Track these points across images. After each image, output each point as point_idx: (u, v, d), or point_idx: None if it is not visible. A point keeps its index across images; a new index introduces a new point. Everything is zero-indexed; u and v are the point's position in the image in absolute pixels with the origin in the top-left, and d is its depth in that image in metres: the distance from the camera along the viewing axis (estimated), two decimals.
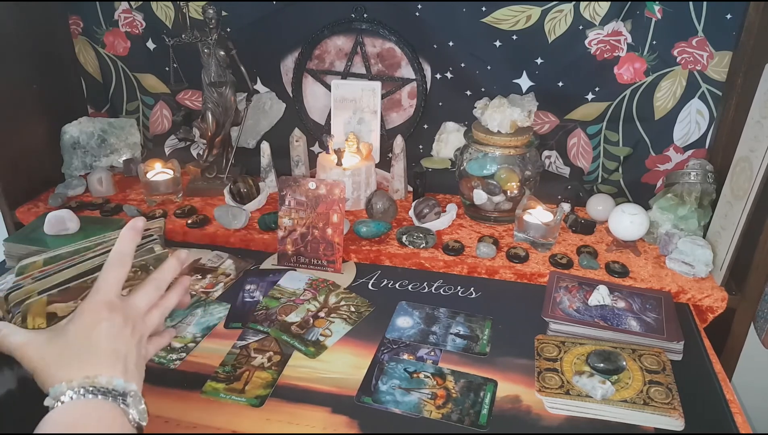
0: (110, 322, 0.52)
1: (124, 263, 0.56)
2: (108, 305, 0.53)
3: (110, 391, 0.48)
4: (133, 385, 0.51)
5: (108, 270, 0.55)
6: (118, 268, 0.56)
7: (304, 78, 1.31)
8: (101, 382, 0.48)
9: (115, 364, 0.51)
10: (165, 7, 1.29)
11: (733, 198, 1.00)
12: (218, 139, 1.28)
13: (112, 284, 0.55)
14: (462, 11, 1.14)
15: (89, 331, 0.51)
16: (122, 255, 0.56)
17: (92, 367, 0.49)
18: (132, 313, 0.55)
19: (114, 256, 0.56)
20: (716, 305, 0.99)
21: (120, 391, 0.49)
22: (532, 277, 1.04)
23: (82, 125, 1.36)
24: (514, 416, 0.75)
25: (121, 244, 0.57)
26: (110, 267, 0.56)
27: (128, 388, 0.50)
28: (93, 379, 0.48)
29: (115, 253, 0.56)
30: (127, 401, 0.49)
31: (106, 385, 0.48)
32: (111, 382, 0.49)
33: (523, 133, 1.13)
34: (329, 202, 1.03)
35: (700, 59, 1.09)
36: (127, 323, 0.54)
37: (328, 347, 0.87)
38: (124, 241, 0.57)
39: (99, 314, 0.53)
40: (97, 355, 0.50)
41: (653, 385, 0.78)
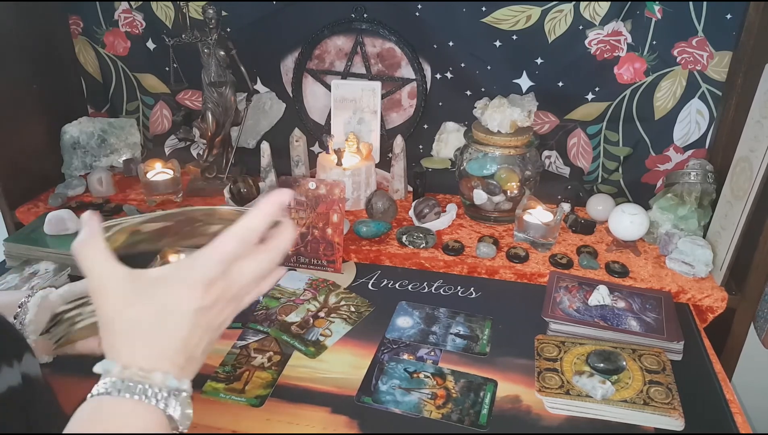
0: (196, 311, 0.45)
1: (247, 240, 0.46)
2: (206, 285, 0.45)
3: (158, 392, 0.44)
4: (186, 382, 0.46)
5: (226, 240, 0.46)
6: (236, 244, 0.46)
7: (304, 78, 1.31)
8: (155, 380, 0.44)
9: (178, 358, 0.45)
10: (165, 7, 1.29)
11: (733, 198, 1.00)
12: (218, 139, 1.28)
13: (223, 260, 0.46)
14: (462, 11, 1.14)
15: (169, 312, 0.45)
16: (249, 231, 0.46)
17: (154, 359, 0.45)
18: (230, 291, 0.47)
19: (239, 228, 0.46)
20: (716, 305, 0.99)
21: (170, 389, 0.44)
22: (532, 277, 1.04)
23: (82, 125, 1.36)
24: (514, 416, 0.75)
25: (253, 219, 0.47)
26: (229, 238, 0.46)
27: (181, 387, 0.45)
28: (147, 373, 0.44)
29: (241, 226, 0.46)
30: (170, 403, 0.44)
31: (159, 384, 0.44)
32: (165, 381, 0.44)
33: (523, 133, 1.13)
34: (329, 202, 1.03)
35: (700, 59, 1.09)
36: (216, 304, 0.46)
37: (328, 347, 0.87)
38: (259, 216, 0.47)
39: (190, 295, 0.45)
40: (166, 346, 0.45)
41: (653, 385, 0.78)
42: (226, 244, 0.46)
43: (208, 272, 0.45)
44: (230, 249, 0.46)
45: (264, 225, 0.47)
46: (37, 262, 1.03)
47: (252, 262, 0.48)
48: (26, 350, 0.57)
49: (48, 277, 0.99)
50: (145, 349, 0.45)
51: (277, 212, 0.48)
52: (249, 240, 0.47)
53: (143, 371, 0.44)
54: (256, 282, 0.49)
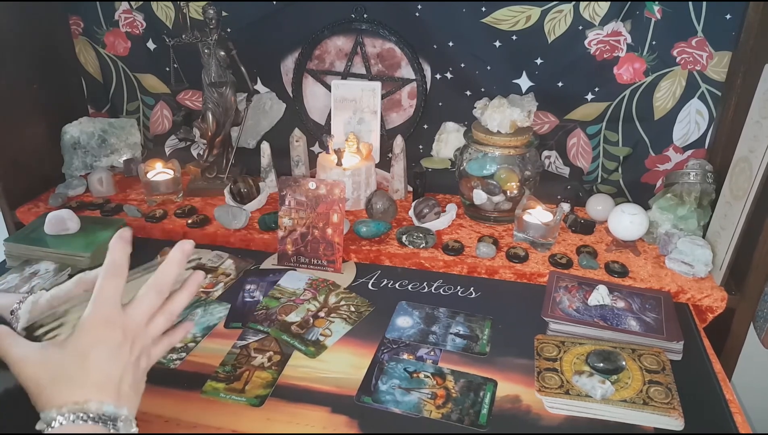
0: (107, 343, 0.51)
1: (118, 273, 0.53)
2: (105, 321, 0.52)
3: (100, 417, 0.48)
4: (124, 409, 0.50)
5: (104, 282, 0.53)
6: (114, 279, 0.53)
7: (304, 78, 1.31)
8: (91, 408, 0.48)
9: (107, 388, 0.50)
10: (165, 7, 1.29)
11: (732, 198, 1.00)
12: (218, 139, 1.28)
13: (109, 297, 0.53)
14: (462, 11, 1.14)
15: (85, 353, 0.50)
16: (116, 265, 0.53)
17: (83, 392, 0.49)
18: (132, 326, 0.53)
19: (107, 266, 0.53)
20: (716, 305, 0.99)
21: (110, 416, 0.49)
22: (532, 277, 1.04)
23: (83, 125, 1.36)
24: (514, 416, 0.75)
25: (112, 255, 0.54)
26: (105, 278, 0.53)
27: (119, 413, 0.49)
28: (83, 404, 0.48)
29: (108, 264, 0.53)
30: (117, 425, 0.48)
31: (96, 411, 0.48)
32: (101, 408, 0.48)
33: (522, 133, 1.13)
34: (329, 202, 1.03)
35: (699, 59, 1.10)
36: (126, 340, 0.52)
37: (328, 347, 0.87)
38: (115, 251, 0.54)
39: (96, 333, 0.51)
40: (90, 380, 0.50)
41: (653, 385, 0.78)
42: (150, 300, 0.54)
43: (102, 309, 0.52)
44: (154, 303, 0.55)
45: (123, 257, 0.54)
46: (38, 262, 1.03)
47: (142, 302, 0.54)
48: None
49: (48, 277, 0.99)
50: (74, 386, 0.49)
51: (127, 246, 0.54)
52: (120, 272, 0.53)
53: (78, 404, 0.48)
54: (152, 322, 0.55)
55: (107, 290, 0.53)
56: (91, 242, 1.05)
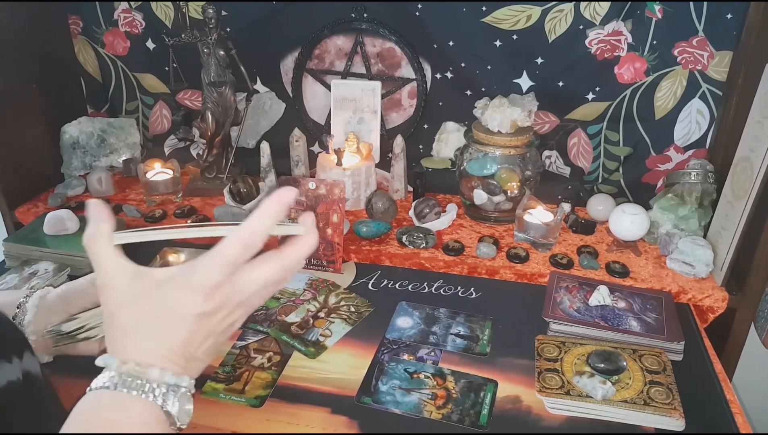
0: (197, 316, 0.45)
1: (251, 245, 0.45)
2: (212, 290, 0.45)
3: (155, 387, 0.44)
4: (185, 379, 0.46)
5: (227, 244, 0.45)
6: (242, 249, 0.45)
7: (304, 78, 1.31)
8: (152, 376, 0.44)
9: (175, 358, 0.45)
10: (165, 6, 1.28)
11: (733, 198, 1.00)
12: (218, 139, 1.28)
13: (229, 264, 0.45)
14: (462, 11, 1.14)
15: (174, 313, 0.45)
16: (252, 234, 0.45)
17: (152, 356, 0.45)
18: (236, 297, 0.46)
19: (243, 232, 0.45)
20: (717, 305, 0.98)
21: (168, 385, 0.45)
22: (533, 278, 1.04)
23: (82, 125, 1.35)
24: (515, 416, 0.75)
25: (257, 221, 0.45)
26: (231, 243, 0.45)
27: (179, 383, 0.45)
28: (145, 369, 0.44)
29: (245, 230, 0.45)
30: (167, 398, 0.44)
31: (156, 380, 0.44)
32: (162, 377, 0.44)
33: (523, 133, 1.13)
34: (329, 202, 1.02)
35: (700, 59, 1.09)
36: (221, 310, 0.46)
37: (328, 347, 0.87)
38: (264, 217, 0.45)
39: (192, 300, 0.44)
40: (164, 345, 0.45)
41: (654, 386, 0.77)
42: (228, 249, 0.45)
43: (210, 277, 0.45)
44: (233, 253, 0.45)
45: (268, 227, 0.46)
46: (37, 262, 1.03)
47: (260, 270, 0.47)
48: (26, 348, 0.57)
49: (48, 277, 0.99)
50: (144, 346, 0.45)
51: (282, 212, 0.46)
52: (253, 244, 0.45)
53: (140, 367, 0.44)
54: (266, 289, 0.48)
55: (231, 255, 0.45)
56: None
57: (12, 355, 0.54)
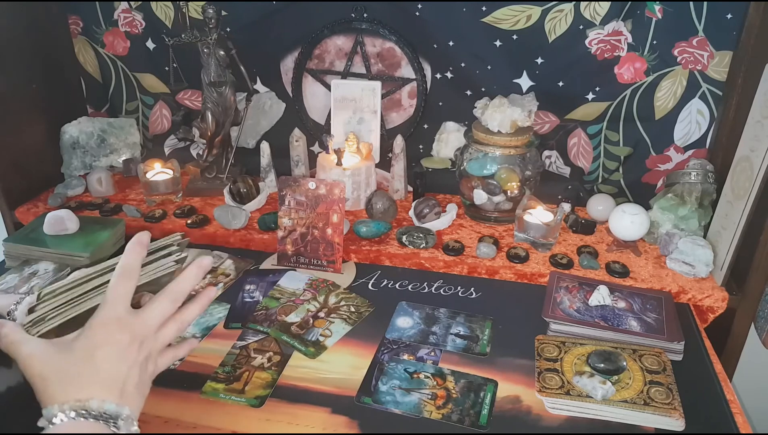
0: (115, 344, 0.52)
1: (131, 276, 0.55)
2: (117, 322, 0.53)
3: (101, 414, 0.48)
4: (126, 408, 0.50)
5: (115, 283, 0.54)
6: (126, 281, 0.54)
7: (304, 78, 1.31)
8: (92, 405, 0.48)
9: (111, 387, 0.50)
10: (165, 6, 1.28)
11: (733, 198, 1.00)
12: (218, 139, 1.28)
13: (121, 297, 0.54)
14: (462, 11, 1.14)
15: (93, 351, 0.51)
16: (129, 268, 0.55)
17: (86, 390, 0.49)
18: (142, 329, 0.54)
19: (120, 269, 0.55)
20: (717, 305, 0.98)
21: (111, 414, 0.49)
22: (533, 278, 1.04)
23: (82, 125, 1.35)
24: (515, 417, 0.75)
25: (127, 258, 0.55)
26: (117, 280, 0.54)
27: (120, 412, 0.50)
28: (84, 402, 0.48)
29: (121, 266, 0.55)
30: (118, 424, 0.49)
31: (97, 409, 0.48)
32: (102, 406, 0.49)
33: (523, 133, 1.13)
34: (329, 202, 1.02)
35: (700, 59, 1.09)
36: (134, 341, 0.53)
37: (328, 347, 0.87)
38: (130, 254, 0.55)
39: (106, 332, 0.52)
40: (94, 378, 0.50)
41: (654, 386, 0.77)
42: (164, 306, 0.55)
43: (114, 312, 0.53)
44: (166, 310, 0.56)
45: (137, 260, 0.55)
46: (37, 263, 1.03)
47: (156, 305, 0.55)
48: None
49: (47, 278, 0.99)
50: (78, 384, 0.49)
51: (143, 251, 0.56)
52: (132, 275, 0.55)
53: (80, 401, 0.48)
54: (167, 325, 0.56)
55: (119, 291, 0.54)
56: (91, 242, 1.05)
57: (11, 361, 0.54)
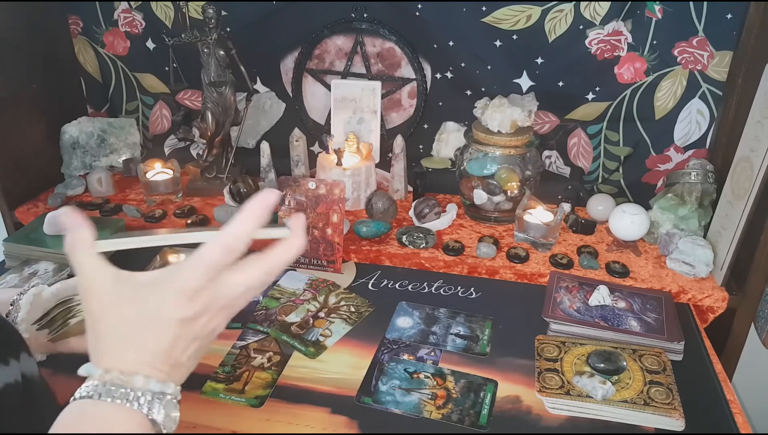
0: (180, 321, 0.44)
1: (233, 249, 0.45)
2: (191, 294, 0.44)
3: (140, 396, 0.43)
4: (170, 386, 0.45)
5: (209, 248, 0.45)
6: (224, 253, 0.45)
7: (304, 78, 1.31)
8: (136, 384, 0.44)
9: (160, 364, 0.45)
10: (165, 6, 1.28)
11: (733, 198, 1.00)
12: (218, 139, 1.28)
13: (212, 267, 0.44)
14: (462, 11, 1.14)
15: (156, 318, 0.44)
16: (234, 238, 0.45)
17: (135, 363, 0.44)
18: (219, 302, 0.46)
19: (225, 236, 0.45)
20: (717, 305, 0.98)
21: (152, 393, 0.44)
22: (533, 277, 1.04)
23: (82, 125, 1.35)
24: (515, 416, 0.75)
25: (239, 225, 0.45)
26: (213, 247, 0.45)
27: (164, 390, 0.45)
28: (128, 377, 0.44)
29: (227, 234, 0.45)
30: (153, 406, 0.44)
31: (140, 388, 0.44)
32: (146, 385, 0.44)
33: (523, 133, 1.13)
34: (329, 202, 1.02)
35: (700, 59, 1.09)
36: (204, 314, 0.45)
37: (328, 347, 0.87)
38: (245, 221, 0.45)
39: (175, 304, 0.44)
40: (148, 351, 0.44)
41: (654, 386, 0.77)
42: (209, 253, 0.45)
43: (192, 282, 0.44)
44: (215, 258, 0.45)
45: (250, 230, 0.45)
46: (37, 262, 1.03)
47: (243, 274, 0.46)
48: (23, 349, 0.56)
49: (47, 277, 0.99)
50: (127, 352, 0.45)
51: (265, 215, 0.46)
52: (235, 248, 0.45)
53: (124, 375, 0.44)
54: (249, 292, 0.48)
55: (213, 259, 0.45)
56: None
57: (9, 357, 0.53)
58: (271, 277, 0.48)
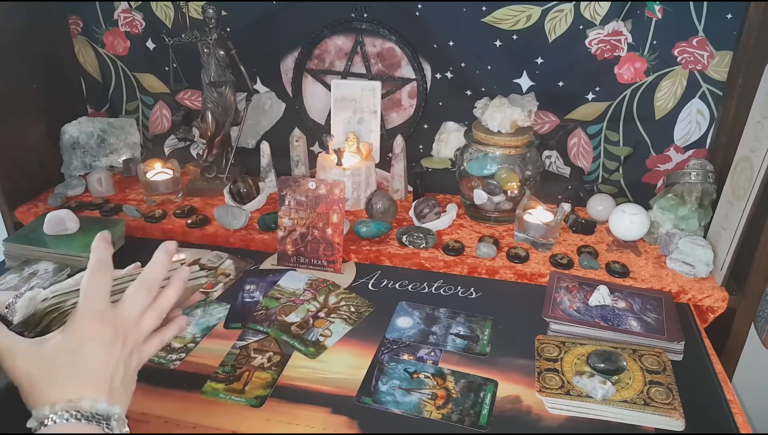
0: (100, 338, 0.51)
1: (106, 270, 0.54)
2: (98, 316, 0.52)
3: (94, 416, 0.47)
4: (117, 407, 0.50)
5: (91, 277, 0.53)
6: (102, 275, 0.54)
7: (304, 78, 1.31)
8: (84, 406, 0.47)
9: (100, 385, 0.50)
10: (165, 6, 1.28)
11: (733, 198, 1.00)
12: (218, 139, 1.28)
13: (99, 292, 0.53)
14: (462, 11, 1.14)
15: (77, 348, 0.50)
16: (102, 262, 0.54)
17: (76, 390, 0.48)
18: (123, 322, 0.53)
19: (94, 264, 0.54)
20: (717, 305, 0.98)
21: (104, 414, 0.48)
22: (533, 278, 1.04)
23: (82, 125, 1.35)
24: (515, 416, 0.75)
25: (97, 253, 0.55)
26: (92, 275, 0.53)
27: (111, 412, 0.49)
28: (76, 402, 0.47)
29: (94, 262, 0.54)
30: (111, 425, 0.48)
31: (89, 410, 0.47)
32: (94, 406, 0.48)
33: (523, 133, 1.13)
34: (329, 202, 1.02)
35: (700, 59, 1.09)
36: (117, 335, 0.52)
37: (328, 347, 0.87)
38: (100, 249, 0.55)
39: (89, 328, 0.51)
40: (82, 376, 0.49)
41: (654, 386, 0.77)
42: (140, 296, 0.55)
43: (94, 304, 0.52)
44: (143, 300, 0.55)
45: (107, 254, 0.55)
46: (37, 263, 1.03)
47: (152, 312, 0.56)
48: None
49: (47, 278, 0.99)
50: (67, 382, 0.48)
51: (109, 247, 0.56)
52: (106, 269, 0.54)
53: (71, 401, 0.47)
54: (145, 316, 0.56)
55: (96, 286, 0.53)
56: (90, 242, 1.04)
57: None
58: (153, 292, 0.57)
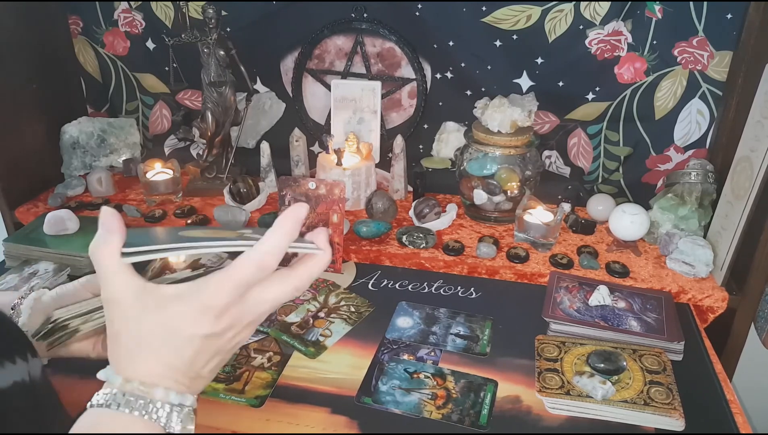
0: (204, 337, 0.44)
1: (266, 267, 0.44)
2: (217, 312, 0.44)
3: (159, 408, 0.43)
4: (189, 398, 0.45)
5: (241, 265, 0.44)
6: (256, 271, 0.44)
7: (304, 78, 1.31)
8: (156, 396, 0.43)
9: (181, 377, 0.45)
10: (165, 6, 1.28)
11: (733, 198, 1.00)
12: (218, 139, 1.28)
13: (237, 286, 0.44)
14: (462, 11, 1.14)
15: (179, 333, 0.44)
16: (267, 255, 0.44)
17: (157, 376, 0.44)
18: (246, 317, 0.45)
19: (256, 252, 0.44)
20: (717, 305, 0.98)
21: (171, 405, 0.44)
22: (533, 278, 1.04)
23: (82, 125, 1.35)
24: (515, 416, 0.75)
25: (273, 242, 0.44)
26: (245, 264, 0.44)
27: (183, 403, 0.45)
28: (149, 389, 0.43)
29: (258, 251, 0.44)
30: (171, 418, 0.44)
31: (160, 400, 0.43)
32: (165, 397, 0.44)
33: (523, 133, 1.13)
34: (329, 202, 1.02)
35: (700, 59, 1.09)
36: (231, 329, 0.45)
37: (328, 347, 0.87)
38: (279, 237, 0.45)
39: (200, 321, 0.43)
40: (170, 364, 0.44)
41: (654, 386, 0.77)
42: (241, 271, 0.44)
43: (220, 299, 0.44)
44: (246, 275, 0.44)
45: (284, 246, 0.45)
46: (37, 263, 1.03)
47: (273, 290, 0.46)
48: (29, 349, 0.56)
49: (47, 278, 0.99)
50: (149, 365, 0.44)
51: (297, 229, 0.45)
52: (267, 265, 0.44)
53: (144, 386, 0.44)
54: (276, 307, 0.47)
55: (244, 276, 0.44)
56: (90, 243, 1.05)
57: (16, 356, 0.54)
58: (299, 292, 0.47)
